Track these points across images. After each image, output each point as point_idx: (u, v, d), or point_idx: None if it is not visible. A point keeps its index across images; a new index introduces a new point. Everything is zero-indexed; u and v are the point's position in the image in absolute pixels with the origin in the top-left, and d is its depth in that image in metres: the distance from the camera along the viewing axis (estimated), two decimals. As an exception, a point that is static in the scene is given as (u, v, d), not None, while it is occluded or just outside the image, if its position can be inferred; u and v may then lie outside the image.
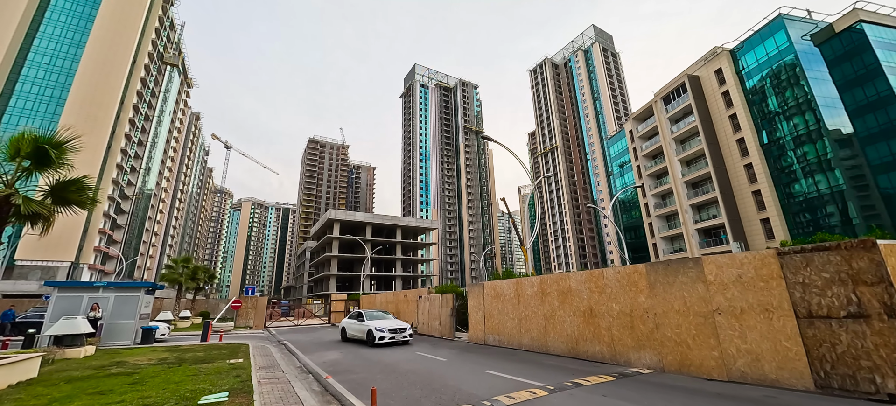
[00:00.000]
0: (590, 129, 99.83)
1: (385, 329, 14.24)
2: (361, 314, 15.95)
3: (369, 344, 14.37)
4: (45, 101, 55.13)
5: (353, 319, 16.31)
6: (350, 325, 16.29)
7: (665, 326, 8.62)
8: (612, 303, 9.86)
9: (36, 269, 47.58)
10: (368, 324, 14.74)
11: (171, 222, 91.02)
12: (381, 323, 14.74)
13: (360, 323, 15.39)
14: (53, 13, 60.02)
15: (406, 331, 14.74)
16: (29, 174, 8.27)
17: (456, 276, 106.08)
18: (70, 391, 7.02)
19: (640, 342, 9.10)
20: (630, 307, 9.41)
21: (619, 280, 9.78)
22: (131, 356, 11.91)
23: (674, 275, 8.60)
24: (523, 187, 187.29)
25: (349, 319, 16.61)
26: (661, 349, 8.62)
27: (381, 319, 15.35)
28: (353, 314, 16.64)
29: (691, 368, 8.04)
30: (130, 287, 16.94)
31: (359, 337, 15.36)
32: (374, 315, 15.85)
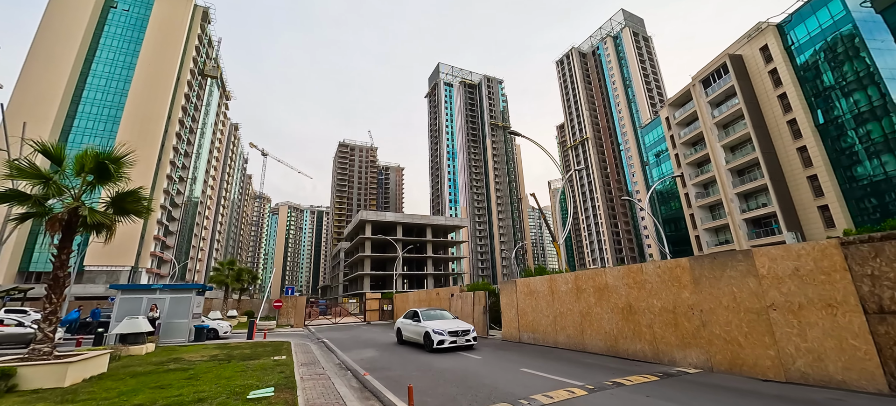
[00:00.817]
0: (622, 118, 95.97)
1: (444, 331, 12.24)
2: (417, 313, 14.12)
3: (427, 349, 12.41)
4: (103, 120, 60.23)
5: (408, 319, 14.62)
6: (406, 327, 14.55)
7: (712, 324, 8.14)
8: (653, 299, 9.43)
9: (102, 274, 52.17)
10: (425, 325, 12.96)
11: (216, 227, 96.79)
12: (440, 324, 12.90)
13: (416, 323, 13.68)
14: (107, 39, 65.40)
15: (469, 333, 12.54)
16: (92, 188, 9.06)
17: (487, 273, 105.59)
18: (135, 385, 7.64)
19: (684, 340, 8.65)
20: (673, 303, 8.96)
21: (660, 275, 9.33)
22: (186, 353, 12.78)
23: (721, 269, 8.10)
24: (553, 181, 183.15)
25: (405, 320, 14.89)
26: (709, 348, 8.15)
27: (440, 319, 13.63)
28: (409, 313, 14.90)
29: (743, 368, 7.55)
30: (183, 289, 18.20)
31: (415, 340, 13.66)
32: (431, 314, 14.14)
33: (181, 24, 69.68)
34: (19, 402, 6.38)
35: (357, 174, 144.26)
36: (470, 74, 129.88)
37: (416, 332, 13.49)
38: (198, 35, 74.10)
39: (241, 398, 6.40)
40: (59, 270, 8.36)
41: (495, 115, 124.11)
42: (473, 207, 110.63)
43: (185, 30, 69.69)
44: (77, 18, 62.82)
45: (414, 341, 13.85)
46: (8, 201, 8.34)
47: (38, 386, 7.38)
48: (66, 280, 8.53)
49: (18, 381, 7.26)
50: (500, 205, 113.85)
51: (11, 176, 8.19)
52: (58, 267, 8.35)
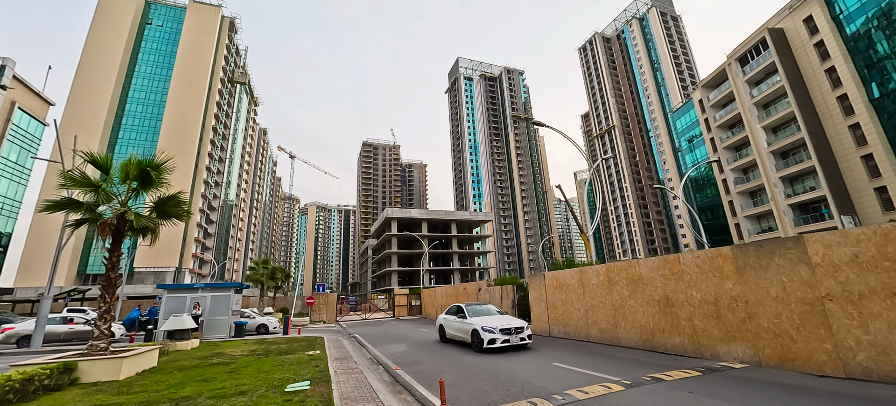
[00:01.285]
0: (651, 103, 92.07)
1: (495, 329, 10.77)
2: (462, 309, 12.74)
3: (476, 348, 11.02)
4: (145, 130, 64.06)
5: (451, 315, 13.27)
6: (449, 323, 13.19)
7: (760, 316, 7.65)
8: (692, 290, 8.97)
9: (150, 274, 55.74)
10: (472, 321, 11.54)
11: (250, 229, 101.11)
12: (489, 320, 11.44)
13: (461, 320, 12.27)
14: (144, 54, 69.37)
15: (523, 330, 11.04)
16: (137, 194, 9.63)
17: (514, 267, 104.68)
18: (182, 378, 8.09)
19: (728, 333, 8.19)
20: (715, 295, 8.50)
21: (700, 265, 8.86)
22: (227, 348, 13.41)
23: (768, 257, 7.59)
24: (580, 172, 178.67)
25: (447, 316, 13.57)
26: (756, 341, 7.68)
27: (488, 315, 12.23)
28: (452, 309, 13.58)
29: (796, 363, 7.05)
30: (223, 287, 19.11)
31: (460, 338, 12.27)
32: (477, 309, 12.74)
33: (210, 35, 72.82)
34: (81, 394, 6.89)
35: (381, 172, 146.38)
36: (490, 67, 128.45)
37: (462, 330, 12.10)
38: (226, 45, 77.21)
39: (279, 391, 6.63)
40: (111, 272, 8.95)
41: (517, 107, 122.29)
42: (498, 201, 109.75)
43: (214, 41, 72.79)
44: (117, 37, 66.95)
45: (459, 339, 12.47)
46: (64, 209, 9.01)
47: (97, 379, 7.95)
48: (117, 281, 9.12)
49: (80, 374, 7.84)
50: (525, 198, 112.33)
51: (66, 185, 8.83)
52: (110, 269, 8.95)
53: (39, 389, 6.75)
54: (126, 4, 69.34)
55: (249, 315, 21.95)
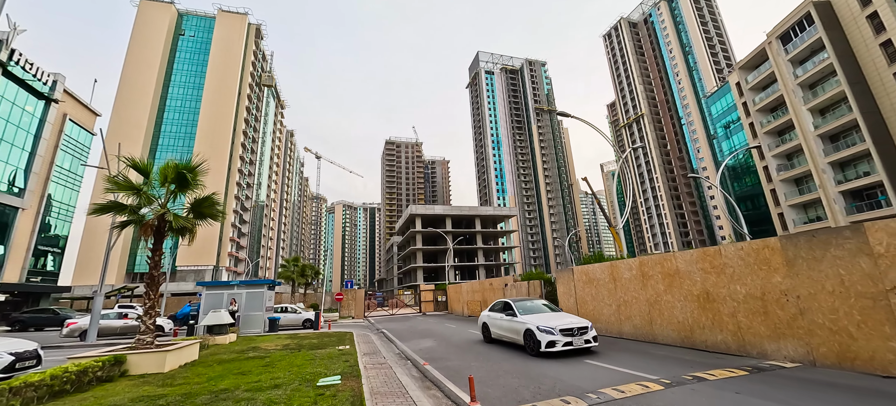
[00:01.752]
0: (682, 89, 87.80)
1: (554, 329, 9.14)
2: (510, 306, 11.21)
3: (531, 351, 9.48)
4: (181, 136, 67.53)
5: (497, 312, 11.77)
6: (495, 322, 11.68)
7: (813, 311, 7.08)
8: (736, 285, 8.44)
9: (190, 273, 58.88)
10: (525, 320, 10.01)
11: (281, 228, 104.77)
12: (545, 318, 9.84)
13: (511, 318, 10.74)
14: (179, 64, 72.99)
15: (587, 331, 9.38)
16: (175, 196, 10.09)
17: (539, 262, 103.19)
18: (221, 371, 8.43)
19: (777, 331, 7.64)
20: (761, 289, 7.94)
21: (744, 258, 8.31)
22: (262, 342, 13.91)
23: (822, 248, 7.00)
24: (606, 164, 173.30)
25: (493, 313, 12.01)
26: (810, 339, 7.12)
27: (541, 312, 10.65)
28: (498, 305, 12.10)
29: (856, 363, 6.48)
30: (257, 284, 19.86)
31: (509, 339, 10.80)
32: (528, 306, 11.10)
33: (238, 42, 75.60)
34: (130, 385, 7.30)
35: (404, 170, 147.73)
36: (511, 60, 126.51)
37: (512, 330, 10.60)
38: (253, 51, 79.96)
39: (311, 385, 6.77)
40: (154, 270, 9.44)
41: (540, 99, 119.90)
42: (522, 196, 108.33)
43: (241, 48, 75.56)
44: (154, 50, 70.75)
45: (508, 340, 11.02)
46: (110, 211, 9.59)
47: (144, 371, 8.42)
48: (160, 278, 9.61)
49: (129, 366, 8.33)
50: (550, 191, 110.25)
51: (112, 189, 9.38)
52: (153, 267, 9.44)
53: (93, 380, 7.21)
54: (161, 18, 73.10)
55: (296, 310, 22.64)
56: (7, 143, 32.94)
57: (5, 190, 32.74)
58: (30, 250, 35.57)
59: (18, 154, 34.09)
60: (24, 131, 34.64)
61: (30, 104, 35.29)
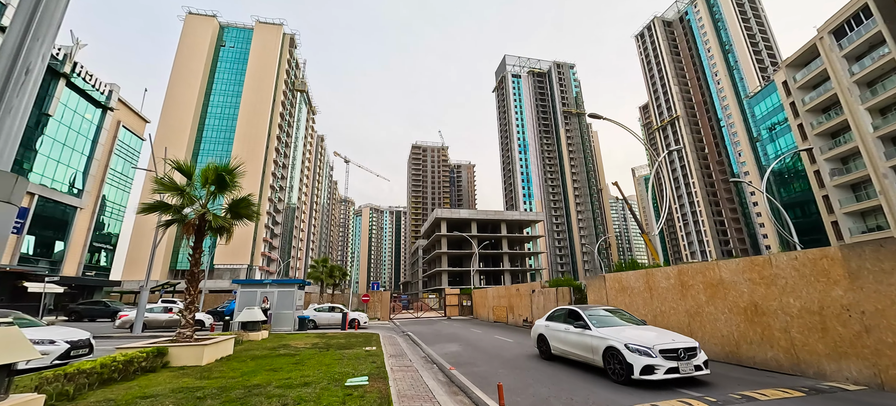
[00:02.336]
0: (722, 89, 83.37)
1: (652, 348, 6.96)
2: (578, 314, 9.04)
3: (617, 377, 7.23)
4: (221, 141, 71.22)
5: (559, 322, 9.67)
6: (558, 335, 9.47)
7: (881, 329, 6.40)
8: (789, 297, 7.78)
9: (226, 271, 61.74)
10: (604, 335, 7.89)
11: (310, 230, 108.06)
12: (633, 334, 7.63)
13: (581, 330, 8.61)
14: (219, 73, 77.17)
15: (695, 353, 7.15)
16: (214, 197, 10.56)
17: (567, 269, 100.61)
18: (254, 367, 8.68)
19: (838, 349, 6.96)
20: (819, 303, 7.28)
21: (799, 269, 7.66)
22: (293, 340, 14.27)
23: (892, 259, 6.32)
24: (638, 168, 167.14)
25: (553, 323, 9.89)
26: (877, 359, 6.43)
27: (622, 324, 8.48)
28: (559, 313, 9.99)
29: (936, 388, 5.78)
30: (288, 284, 20.48)
31: (581, 357, 8.59)
32: (602, 317, 8.86)
33: (274, 52, 79.07)
34: (171, 376, 7.65)
35: (430, 174, 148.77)
36: (538, 63, 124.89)
37: (583, 346, 8.42)
38: (287, 60, 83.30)
39: (340, 385, 6.82)
40: (195, 267, 9.90)
41: (568, 102, 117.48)
42: (549, 201, 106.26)
43: (277, 57, 78.95)
44: (198, 60, 75.24)
45: (575, 359, 8.85)
46: (156, 210, 10.17)
47: (184, 363, 8.80)
48: (200, 275, 10.06)
49: (170, 358, 8.74)
50: (578, 197, 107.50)
51: (158, 190, 9.94)
52: (193, 264, 9.90)
53: (138, 370, 7.61)
54: (204, 31, 77.71)
55: (342, 309, 22.78)
56: (69, 147, 35.92)
57: (66, 191, 35.65)
58: (86, 247, 38.49)
59: (78, 158, 37.07)
60: (83, 137, 37.65)
61: (89, 112, 38.35)
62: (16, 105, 1.95)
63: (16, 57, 2.02)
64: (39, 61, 2.08)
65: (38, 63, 2.07)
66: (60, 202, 34.91)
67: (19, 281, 28.58)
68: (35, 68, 2.06)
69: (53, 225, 34.74)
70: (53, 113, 33.77)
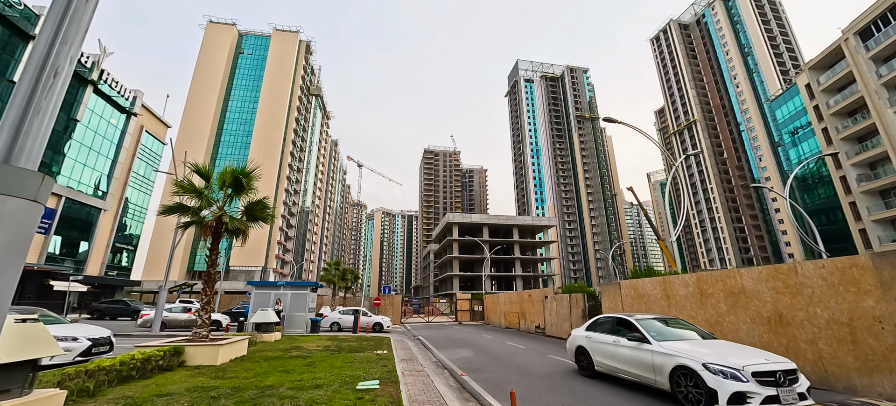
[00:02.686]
0: (741, 93, 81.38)
1: (743, 370, 5.61)
2: (630, 323, 7.68)
3: (691, 404, 5.96)
4: (239, 145, 72.87)
5: (605, 333, 8.23)
6: (603, 347, 8.05)
7: (918, 342, 6.07)
8: (816, 308, 7.46)
9: (241, 273, 62.89)
10: (670, 350, 6.54)
11: (323, 233, 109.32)
12: (715, 349, 6.40)
13: (636, 344, 7.22)
14: (238, 80, 79.13)
15: (796, 378, 5.80)
16: (231, 199, 10.77)
17: (580, 274, 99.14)
18: (267, 368, 8.77)
19: (869, 363, 6.63)
20: (848, 314, 6.96)
21: (826, 278, 7.35)
22: (305, 342, 14.38)
23: (929, 268, 6.00)
24: (654, 173, 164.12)
25: (596, 333, 8.48)
26: (913, 374, 6.09)
27: (691, 337, 7.13)
28: (604, 322, 8.59)
29: (979, 406, 5.43)
30: (301, 286, 20.71)
31: (639, 377, 7.13)
32: (660, 327, 7.42)
33: (290, 58, 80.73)
34: (186, 375, 7.78)
35: (442, 178, 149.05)
36: (551, 67, 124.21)
37: (644, 364, 6.92)
38: (303, 66, 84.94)
39: (351, 388, 6.82)
40: (211, 268, 10.09)
41: (581, 106, 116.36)
42: (562, 206, 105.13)
43: (293, 63, 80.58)
44: (217, 67, 77.38)
45: (632, 379, 7.33)
46: (175, 212, 10.43)
47: (199, 363, 8.95)
48: (216, 276, 10.25)
49: (186, 357, 8.90)
50: (592, 202, 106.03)
51: (177, 192, 10.20)
52: (210, 265, 10.09)
53: (155, 368, 7.77)
54: (224, 39, 79.95)
55: (365, 312, 22.68)
56: (95, 151, 37.28)
57: (91, 193, 36.94)
58: (108, 247, 39.76)
59: (103, 161, 38.43)
60: (108, 141, 39.04)
61: (114, 117, 39.77)
62: (44, 106, 1.99)
63: (45, 60, 2.07)
64: (68, 64, 2.12)
65: (65, 66, 2.11)
66: (86, 204, 36.17)
67: (46, 279, 29.67)
68: (63, 71, 2.10)
69: (79, 226, 35.99)
70: (81, 118, 35.11)
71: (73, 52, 2.10)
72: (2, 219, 1.79)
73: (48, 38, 2.05)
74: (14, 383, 4.56)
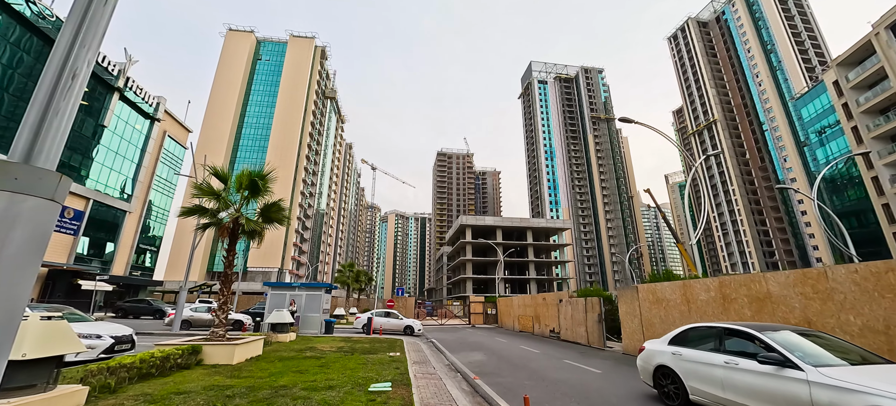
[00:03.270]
0: (764, 91, 78.82)
1: None
2: (758, 338, 5.41)
3: None
4: (256, 149, 74.53)
5: (707, 350, 6.12)
6: (710, 372, 5.83)
7: (963, 352, 5.67)
8: (848, 314, 7.09)
9: (259, 274, 64.15)
10: (854, 384, 4.10)
11: (338, 235, 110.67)
12: None
13: (775, 370, 4.93)
14: (256, 85, 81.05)
15: None
16: (247, 201, 10.97)
17: (596, 278, 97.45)
18: (282, 368, 8.86)
19: (908, 373, 6.23)
20: (884, 322, 6.58)
21: (859, 283, 6.98)
22: (319, 343, 14.51)
23: (975, 274, 5.61)
24: (672, 175, 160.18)
25: (690, 350, 6.39)
26: (958, 387, 5.68)
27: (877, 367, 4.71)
28: (702, 335, 6.49)
29: None
30: (315, 287, 20.92)
31: None
32: (815, 349, 5.11)
33: (306, 63, 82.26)
34: (203, 374, 7.93)
35: (455, 181, 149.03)
36: (565, 68, 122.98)
37: (790, 401, 4.67)
38: (318, 71, 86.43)
39: (363, 390, 6.81)
40: (228, 269, 10.29)
41: (596, 107, 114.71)
42: (577, 208, 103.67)
43: (308, 68, 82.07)
44: (236, 73, 79.46)
45: None
46: (194, 214, 10.69)
47: (216, 362, 9.11)
48: (233, 277, 10.44)
49: (204, 356, 9.08)
50: (608, 204, 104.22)
51: (197, 195, 10.45)
52: (227, 266, 10.29)
53: (174, 366, 7.94)
54: (243, 46, 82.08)
55: (397, 315, 22.61)
56: (120, 155, 38.69)
57: (117, 196, 38.33)
58: (133, 248, 41.14)
59: (128, 165, 39.84)
60: (133, 146, 40.47)
61: (138, 123, 41.21)
62: (62, 107, 2.02)
63: (64, 63, 2.11)
64: (85, 67, 2.16)
65: (83, 68, 2.15)
66: (112, 206, 37.54)
67: (75, 278, 30.88)
68: (81, 73, 2.14)
69: (105, 227, 37.36)
70: (108, 124, 36.51)
71: (90, 55, 2.14)
72: (22, 217, 1.82)
73: (67, 42, 2.09)
74: (40, 379, 4.71)
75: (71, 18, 2.14)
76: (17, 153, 1.89)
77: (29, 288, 1.84)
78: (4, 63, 27.59)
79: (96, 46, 2.20)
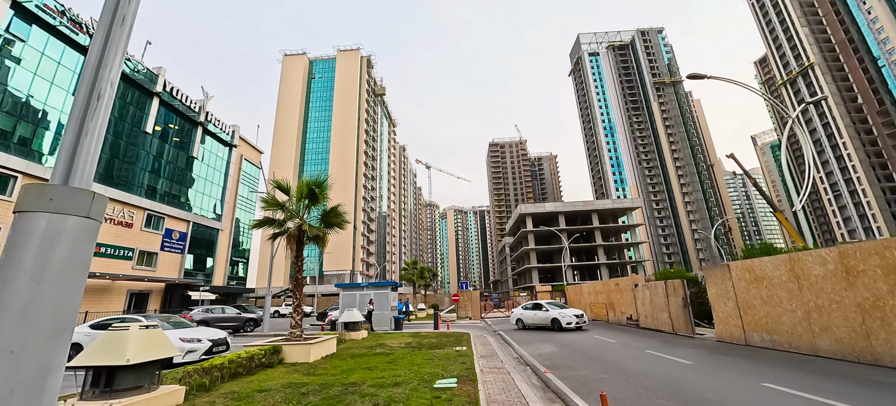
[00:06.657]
0: (875, 18, 65.26)
1: None
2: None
3: None
4: (318, 161, 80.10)
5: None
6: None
7: None
8: None
9: (333, 276, 69.00)
10: None
11: (401, 235, 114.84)
12: None
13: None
14: (313, 102, 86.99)
15: None
16: (308, 210, 11.59)
17: (676, 258, 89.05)
18: (353, 365, 9.20)
19: None
20: None
21: None
22: (388, 340, 14.97)
23: None
24: (760, 136, 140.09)
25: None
26: None
27: None
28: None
29: None
30: (382, 286, 21.75)
31: None
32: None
33: (354, 74, 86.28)
34: (284, 372, 8.50)
35: (510, 170, 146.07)
36: (618, 35, 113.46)
37: None
38: (366, 80, 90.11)
39: (429, 386, 6.74)
40: (298, 274, 10.98)
41: (659, 71, 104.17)
42: (646, 185, 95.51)
43: (357, 79, 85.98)
44: (295, 94, 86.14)
45: None
46: (264, 225, 11.59)
47: (294, 360, 9.76)
48: (302, 281, 11.12)
49: (284, 355, 9.78)
50: (683, 176, 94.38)
51: (265, 208, 11.30)
52: (297, 271, 10.99)
53: (258, 366, 8.63)
54: (298, 68, 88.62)
55: (548, 308, 17.73)
56: (209, 181, 43.97)
57: (211, 217, 43.65)
58: (227, 261, 46.59)
59: (216, 189, 45.13)
60: (217, 172, 45.73)
61: (220, 151, 46.45)
62: (91, 128, 2.05)
63: (93, 85, 2.12)
64: (109, 88, 2.18)
65: (108, 89, 2.17)
66: (208, 226, 42.84)
67: (186, 290, 35.84)
68: (105, 93, 2.16)
69: (204, 245, 42.78)
70: (196, 155, 41.66)
71: (113, 75, 2.18)
72: (63, 235, 1.85)
73: (94, 65, 2.13)
74: (144, 380, 5.31)
75: (96, 41, 2.21)
76: (56, 176, 1.98)
77: (76, 302, 1.90)
78: (116, 114, 32.68)
79: (118, 66, 2.24)
